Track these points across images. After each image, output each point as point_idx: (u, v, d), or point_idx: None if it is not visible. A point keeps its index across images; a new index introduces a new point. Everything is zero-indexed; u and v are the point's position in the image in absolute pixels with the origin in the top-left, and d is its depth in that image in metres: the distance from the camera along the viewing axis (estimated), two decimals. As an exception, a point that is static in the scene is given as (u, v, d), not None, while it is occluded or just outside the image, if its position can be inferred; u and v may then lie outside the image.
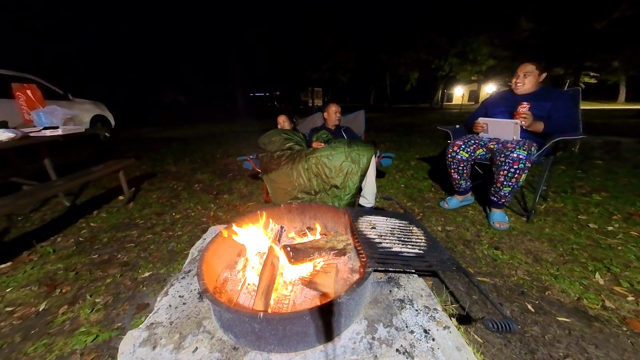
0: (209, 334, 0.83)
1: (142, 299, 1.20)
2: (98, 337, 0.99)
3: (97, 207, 2.29)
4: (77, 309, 1.14)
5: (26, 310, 1.14)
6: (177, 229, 1.87)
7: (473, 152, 1.82)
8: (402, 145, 5.01)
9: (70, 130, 2.10)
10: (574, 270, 1.29)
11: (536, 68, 1.71)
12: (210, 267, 1.01)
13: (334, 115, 2.41)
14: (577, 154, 3.61)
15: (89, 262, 1.51)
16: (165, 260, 1.49)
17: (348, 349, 0.77)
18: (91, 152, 5.07)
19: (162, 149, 5.32)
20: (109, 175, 2.26)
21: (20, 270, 1.42)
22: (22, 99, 2.26)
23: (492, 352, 0.88)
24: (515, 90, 1.82)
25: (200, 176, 3.25)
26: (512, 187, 1.59)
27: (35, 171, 3.25)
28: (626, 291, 1.14)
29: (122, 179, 2.29)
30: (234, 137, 6.80)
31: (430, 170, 3.14)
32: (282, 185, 1.84)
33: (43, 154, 2.24)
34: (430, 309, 0.90)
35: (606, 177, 2.63)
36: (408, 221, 1.23)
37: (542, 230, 1.66)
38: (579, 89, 1.83)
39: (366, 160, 1.78)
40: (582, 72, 14.78)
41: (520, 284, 1.21)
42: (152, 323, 0.88)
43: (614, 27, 10.21)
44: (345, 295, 0.75)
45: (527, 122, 1.64)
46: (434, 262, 0.91)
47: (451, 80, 25.03)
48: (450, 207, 2.04)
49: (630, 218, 1.76)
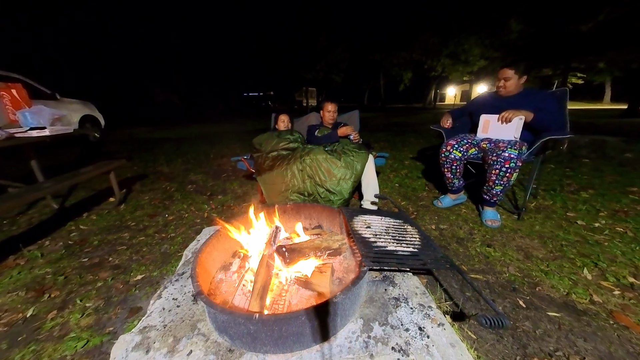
0: (204, 336, 0.82)
1: (134, 302, 1.18)
2: (89, 342, 0.97)
3: (87, 209, 2.24)
4: (67, 314, 1.11)
5: (13, 316, 1.11)
6: (170, 231, 1.84)
7: (466, 151, 1.85)
8: (396, 144, 5.06)
9: (58, 130, 2.05)
10: (563, 266, 1.32)
11: (515, 72, 1.75)
12: (205, 269, 1.00)
13: (330, 114, 2.41)
14: (565, 153, 3.71)
15: (79, 265, 1.47)
16: (158, 263, 1.47)
17: (344, 349, 0.77)
18: (80, 153, 4.95)
19: (154, 149, 5.23)
20: (99, 176, 2.21)
21: (7, 275, 1.37)
22: (7, 99, 2.18)
23: (486, 348, 0.90)
24: (500, 93, 1.87)
25: (193, 177, 3.21)
26: (503, 185, 1.62)
27: (22, 173, 3.15)
28: (612, 285, 1.17)
29: (113, 181, 2.24)
30: (227, 137, 6.74)
31: (423, 170, 3.17)
32: (276, 186, 1.83)
33: (29, 155, 2.18)
34: (424, 307, 0.91)
35: (593, 175, 2.71)
36: (402, 220, 1.25)
37: (533, 228, 1.70)
38: (566, 89, 1.88)
39: (360, 167, 1.78)
40: (570, 73, 15.16)
41: (512, 280, 1.24)
42: (145, 327, 0.86)
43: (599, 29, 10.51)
44: (341, 295, 0.76)
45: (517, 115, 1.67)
46: (428, 261, 0.92)
47: (444, 80, 25.36)
48: (444, 205, 2.06)
49: (616, 214, 1.82)
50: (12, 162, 3.79)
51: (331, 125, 2.46)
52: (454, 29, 17.74)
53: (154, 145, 5.80)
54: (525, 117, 1.67)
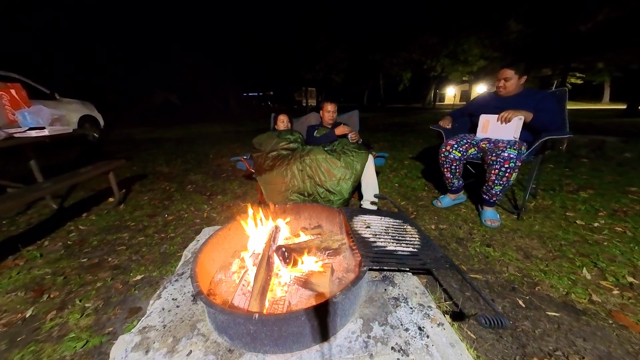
0: (204, 336, 0.82)
1: (134, 302, 1.18)
2: (88, 342, 0.97)
3: (86, 209, 2.24)
4: (66, 315, 1.10)
5: (12, 316, 1.11)
6: (170, 231, 1.84)
7: (465, 151, 1.85)
8: (395, 144, 5.06)
9: (57, 130, 2.04)
10: (563, 265, 1.32)
11: (515, 73, 1.75)
12: (204, 269, 1.00)
13: (330, 114, 2.41)
14: (565, 153, 3.71)
15: (78, 266, 1.47)
16: (158, 263, 1.47)
17: (344, 348, 0.77)
18: (79, 154, 4.94)
19: (154, 149, 5.22)
20: (99, 176, 2.21)
21: (6, 275, 1.37)
22: (6, 99, 2.18)
23: (485, 348, 0.90)
24: (499, 93, 1.88)
25: (193, 177, 3.20)
26: (503, 185, 1.62)
27: (21, 173, 3.14)
28: (612, 285, 1.17)
29: (112, 181, 2.24)
30: (227, 137, 6.73)
31: (423, 170, 3.17)
32: (276, 186, 1.83)
33: (29, 155, 2.17)
34: (424, 307, 0.91)
35: (592, 175, 2.71)
36: (402, 220, 1.25)
37: (532, 227, 1.70)
38: (565, 89, 1.88)
39: (360, 167, 1.78)
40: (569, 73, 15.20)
41: (511, 280, 1.24)
42: (144, 327, 0.86)
43: (598, 29, 10.55)
44: (341, 295, 0.76)
45: (517, 115, 1.67)
46: (428, 260, 0.92)
47: (443, 80, 25.37)
48: (443, 205, 2.06)
49: (615, 214, 1.82)
50: (11, 163, 3.78)
51: (330, 126, 2.46)
52: (453, 29, 17.78)
53: (153, 145, 5.79)
54: (525, 117, 1.67)
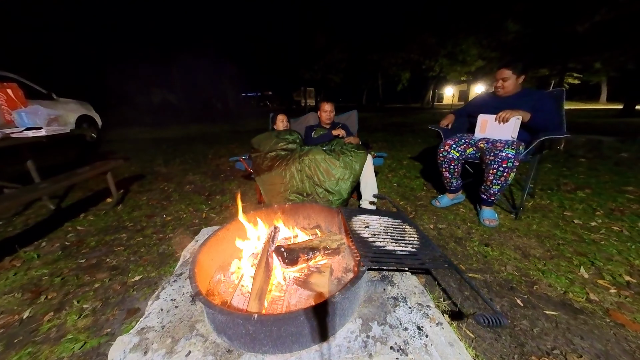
0: (202, 337, 0.82)
1: (132, 303, 1.17)
2: (86, 344, 0.96)
3: (83, 210, 2.22)
4: (64, 316, 1.10)
5: (9, 318, 1.10)
6: (168, 231, 1.84)
7: (464, 151, 1.86)
8: (394, 144, 5.07)
9: (54, 130, 2.03)
10: (560, 264, 1.33)
11: (512, 72, 1.76)
12: (203, 269, 1.00)
13: (327, 114, 2.41)
14: (562, 153, 3.73)
15: (76, 266, 1.46)
16: (156, 264, 1.46)
17: (343, 348, 0.77)
18: (77, 154, 4.92)
19: (152, 149, 5.20)
20: (96, 177, 2.20)
21: (2, 276, 1.36)
22: (3, 99, 2.16)
23: (484, 347, 0.90)
24: (498, 93, 1.88)
25: (191, 177, 3.19)
26: (501, 185, 1.63)
27: (18, 173, 3.12)
28: (609, 284, 1.18)
29: (110, 181, 2.23)
30: (225, 138, 6.72)
31: (422, 169, 3.18)
32: (275, 187, 1.83)
33: (26, 155, 2.16)
34: (423, 306, 0.91)
35: (589, 175, 2.73)
36: (401, 220, 1.25)
37: (530, 227, 1.71)
38: (563, 89, 1.89)
39: (359, 167, 1.78)
40: (566, 73, 15.29)
41: (509, 279, 1.25)
42: (143, 328, 0.86)
43: (595, 30, 10.61)
44: (340, 295, 0.76)
45: (515, 115, 1.68)
46: (427, 260, 0.93)
47: (441, 80, 25.46)
48: (442, 205, 2.07)
49: (612, 213, 1.84)
50: (8, 163, 3.76)
51: (328, 126, 2.46)
52: (451, 29, 17.84)
53: (152, 145, 5.77)
54: (523, 117, 1.68)
